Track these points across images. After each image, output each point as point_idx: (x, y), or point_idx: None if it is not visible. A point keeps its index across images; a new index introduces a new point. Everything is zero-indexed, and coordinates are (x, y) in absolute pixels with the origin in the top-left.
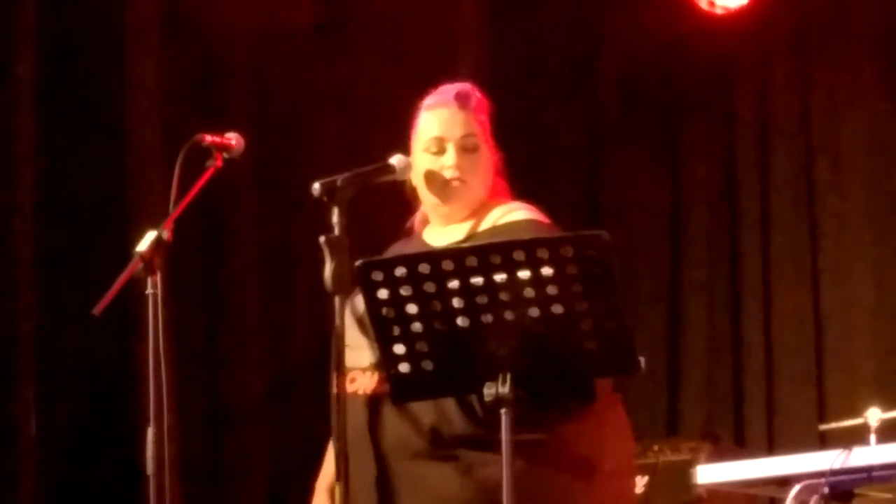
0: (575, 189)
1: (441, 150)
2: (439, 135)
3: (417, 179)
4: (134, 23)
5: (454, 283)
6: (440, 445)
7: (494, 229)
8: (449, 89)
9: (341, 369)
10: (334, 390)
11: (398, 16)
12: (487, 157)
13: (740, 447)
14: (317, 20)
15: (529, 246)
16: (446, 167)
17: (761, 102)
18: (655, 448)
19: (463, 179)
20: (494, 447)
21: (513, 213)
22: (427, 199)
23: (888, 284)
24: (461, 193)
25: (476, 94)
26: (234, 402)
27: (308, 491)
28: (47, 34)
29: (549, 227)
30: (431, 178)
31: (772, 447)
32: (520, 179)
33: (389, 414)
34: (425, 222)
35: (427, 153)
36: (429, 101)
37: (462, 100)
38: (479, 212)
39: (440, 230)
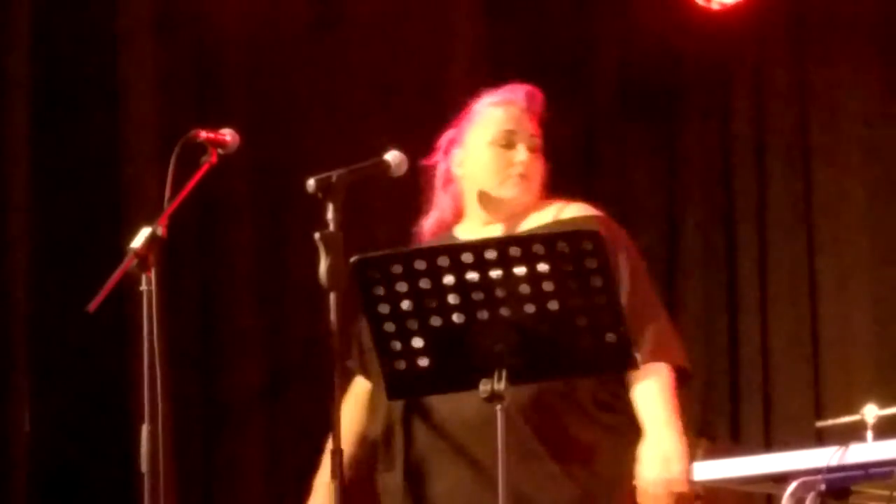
0: (570, 187)
1: (511, 145)
2: (512, 128)
3: (474, 170)
4: (129, 20)
5: (450, 280)
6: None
7: (558, 223)
8: (518, 88)
9: (337, 365)
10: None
11: (394, 13)
12: (543, 160)
13: (737, 444)
14: (313, 19)
15: (525, 242)
16: (517, 162)
17: (758, 98)
18: None
19: (528, 177)
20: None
21: (571, 208)
22: (481, 195)
23: (885, 281)
24: (524, 190)
25: (541, 99)
26: (230, 400)
27: (304, 489)
28: (42, 32)
29: (612, 224)
30: (498, 170)
31: (768, 444)
32: None
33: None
34: (457, 218)
35: (495, 146)
36: (494, 97)
37: (531, 101)
38: (525, 212)
39: (478, 228)
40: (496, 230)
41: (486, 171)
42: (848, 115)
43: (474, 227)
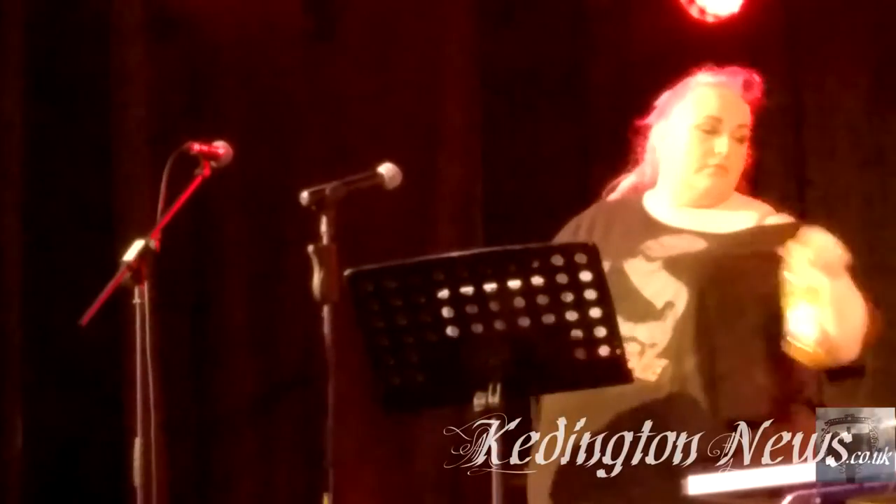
0: (566, 195)
1: (714, 132)
2: (718, 115)
3: (672, 148)
4: (122, 29)
5: (444, 293)
6: None
7: (761, 229)
8: (736, 71)
9: (331, 378)
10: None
11: (388, 23)
12: (746, 153)
13: None
14: (306, 27)
15: (519, 255)
16: (715, 153)
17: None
18: None
19: (725, 169)
20: None
21: (776, 217)
22: (674, 175)
23: (880, 289)
24: (719, 183)
25: (760, 86)
26: (223, 413)
27: (297, 501)
28: (34, 41)
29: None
30: (696, 157)
31: None
32: (511, 185)
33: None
34: (650, 186)
35: (698, 130)
36: (710, 76)
37: (748, 87)
38: (727, 207)
39: (669, 205)
40: (688, 215)
41: (683, 154)
42: (842, 125)
43: (665, 204)
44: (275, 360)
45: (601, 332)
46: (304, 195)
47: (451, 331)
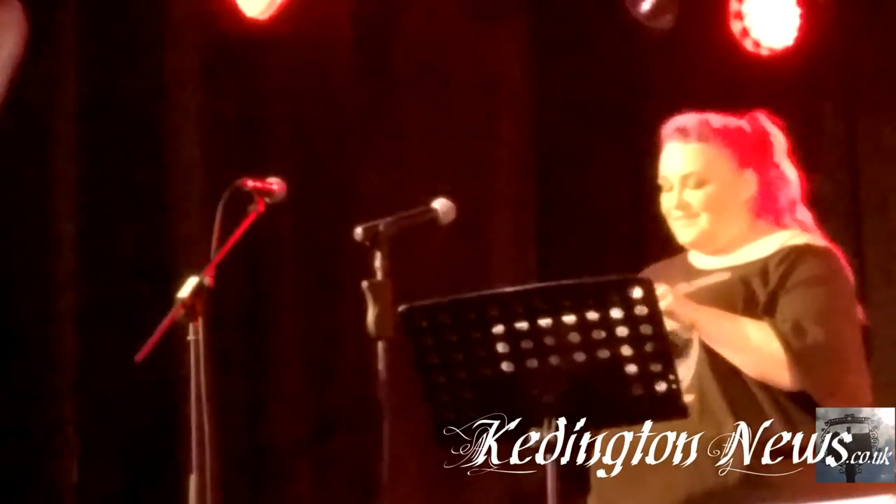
0: (620, 229)
1: (669, 188)
2: (663, 173)
3: None
4: (175, 68)
5: (499, 329)
6: None
7: (780, 252)
8: (674, 121)
9: (385, 414)
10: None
11: (441, 57)
12: (722, 189)
13: None
14: (359, 62)
15: (574, 290)
16: (670, 207)
17: (808, 143)
18: None
19: (691, 215)
20: None
21: (800, 237)
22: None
23: None
24: (691, 232)
25: (697, 125)
26: (278, 449)
27: None
28: (88, 82)
29: (826, 253)
30: (667, 217)
31: None
32: (565, 223)
33: None
34: None
35: (661, 189)
36: (664, 130)
37: (682, 134)
38: (744, 239)
39: (706, 256)
40: (721, 257)
41: (664, 216)
42: None
43: (699, 254)
44: (330, 396)
45: (657, 367)
46: (359, 231)
47: (506, 366)
